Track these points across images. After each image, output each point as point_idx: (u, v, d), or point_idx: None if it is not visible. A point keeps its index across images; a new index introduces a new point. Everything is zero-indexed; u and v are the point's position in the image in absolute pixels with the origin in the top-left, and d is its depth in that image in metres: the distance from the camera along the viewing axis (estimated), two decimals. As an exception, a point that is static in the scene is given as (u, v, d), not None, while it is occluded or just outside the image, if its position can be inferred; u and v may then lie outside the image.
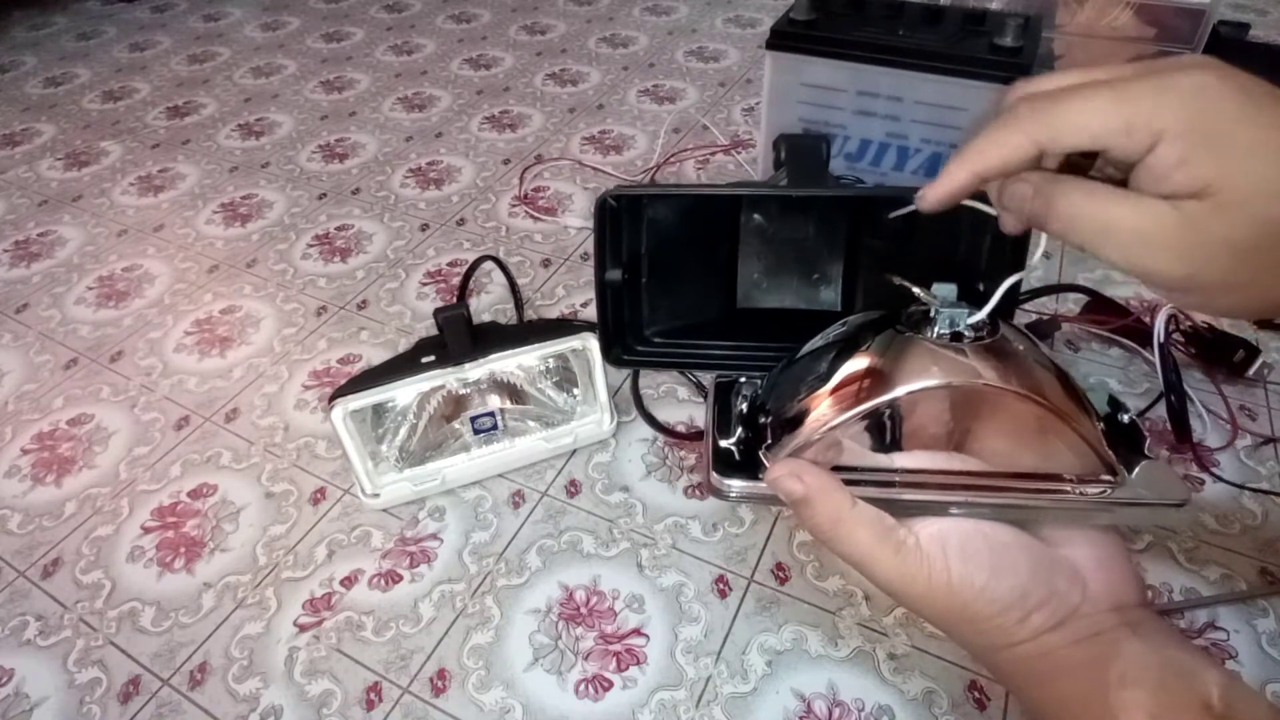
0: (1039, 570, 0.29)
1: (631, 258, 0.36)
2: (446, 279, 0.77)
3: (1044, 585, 0.29)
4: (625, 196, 0.37)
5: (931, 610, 0.29)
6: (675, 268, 0.38)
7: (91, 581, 0.53)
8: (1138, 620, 0.29)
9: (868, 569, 0.29)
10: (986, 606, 0.28)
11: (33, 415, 0.66)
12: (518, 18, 1.33)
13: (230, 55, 1.28)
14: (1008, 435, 0.31)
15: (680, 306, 0.38)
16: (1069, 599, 0.29)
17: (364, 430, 0.52)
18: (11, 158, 1.03)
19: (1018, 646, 0.29)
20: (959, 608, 0.29)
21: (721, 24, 1.26)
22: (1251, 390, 0.60)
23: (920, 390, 0.29)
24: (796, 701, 0.45)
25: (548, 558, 0.53)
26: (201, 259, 0.82)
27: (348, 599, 0.51)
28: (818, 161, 0.43)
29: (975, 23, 0.66)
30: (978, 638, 0.29)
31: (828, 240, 0.36)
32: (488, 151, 0.97)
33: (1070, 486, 0.31)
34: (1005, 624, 0.28)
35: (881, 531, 0.29)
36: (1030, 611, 0.28)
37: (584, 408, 0.58)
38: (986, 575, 0.29)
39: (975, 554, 0.29)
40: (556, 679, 0.46)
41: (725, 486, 0.32)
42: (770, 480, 0.31)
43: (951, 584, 0.28)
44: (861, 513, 0.29)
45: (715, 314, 0.37)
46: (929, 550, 0.29)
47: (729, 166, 0.91)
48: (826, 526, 0.29)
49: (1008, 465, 0.31)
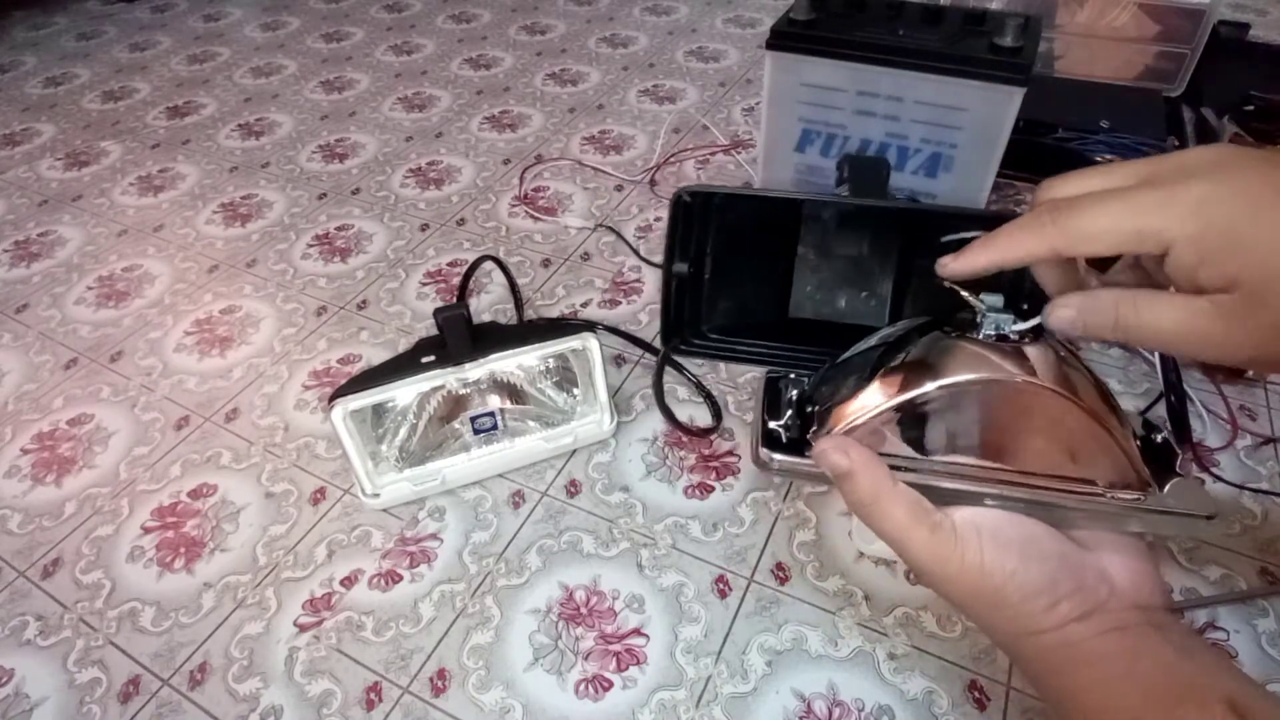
0: (1068, 562, 0.30)
1: (698, 254, 0.38)
2: (446, 279, 0.77)
3: (1072, 576, 0.30)
4: (699, 193, 0.39)
5: (961, 591, 0.30)
6: (736, 271, 0.39)
7: (91, 581, 0.53)
8: (1161, 621, 0.29)
9: (902, 546, 0.30)
10: (1016, 591, 0.29)
11: (33, 415, 0.66)
12: (518, 18, 1.33)
13: (230, 55, 1.28)
14: (1045, 438, 0.32)
15: (737, 308, 0.41)
16: (1096, 592, 0.30)
17: (364, 430, 0.52)
18: (11, 158, 1.03)
19: (1044, 634, 0.29)
20: (989, 590, 0.29)
21: (721, 24, 1.26)
22: (1251, 390, 0.60)
23: (960, 383, 0.30)
24: (796, 701, 0.45)
25: (548, 558, 0.53)
26: (201, 259, 0.82)
27: (348, 599, 0.51)
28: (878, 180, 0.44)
29: (975, 23, 0.66)
30: (1005, 623, 0.30)
31: (880, 258, 0.38)
32: (488, 151, 0.97)
33: (1103, 491, 0.32)
34: (1033, 610, 0.29)
35: (918, 511, 0.30)
36: (1058, 600, 0.29)
37: (584, 408, 0.58)
38: (1017, 561, 0.29)
39: (1007, 541, 0.30)
40: (556, 679, 0.46)
41: (769, 458, 0.34)
42: (817, 454, 0.32)
43: (984, 566, 0.29)
44: (900, 491, 0.30)
45: (768, 319, 0.39)
46: (963, 533, 0.30)
47: (729, 166, 0.91)
48: (867, 500, 0.30)
49: (1044, 468, 0.32)
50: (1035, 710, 0.44)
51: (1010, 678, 0.45)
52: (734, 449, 0.59)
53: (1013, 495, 0.32)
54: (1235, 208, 0.24)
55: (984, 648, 0.46)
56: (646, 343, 0.67)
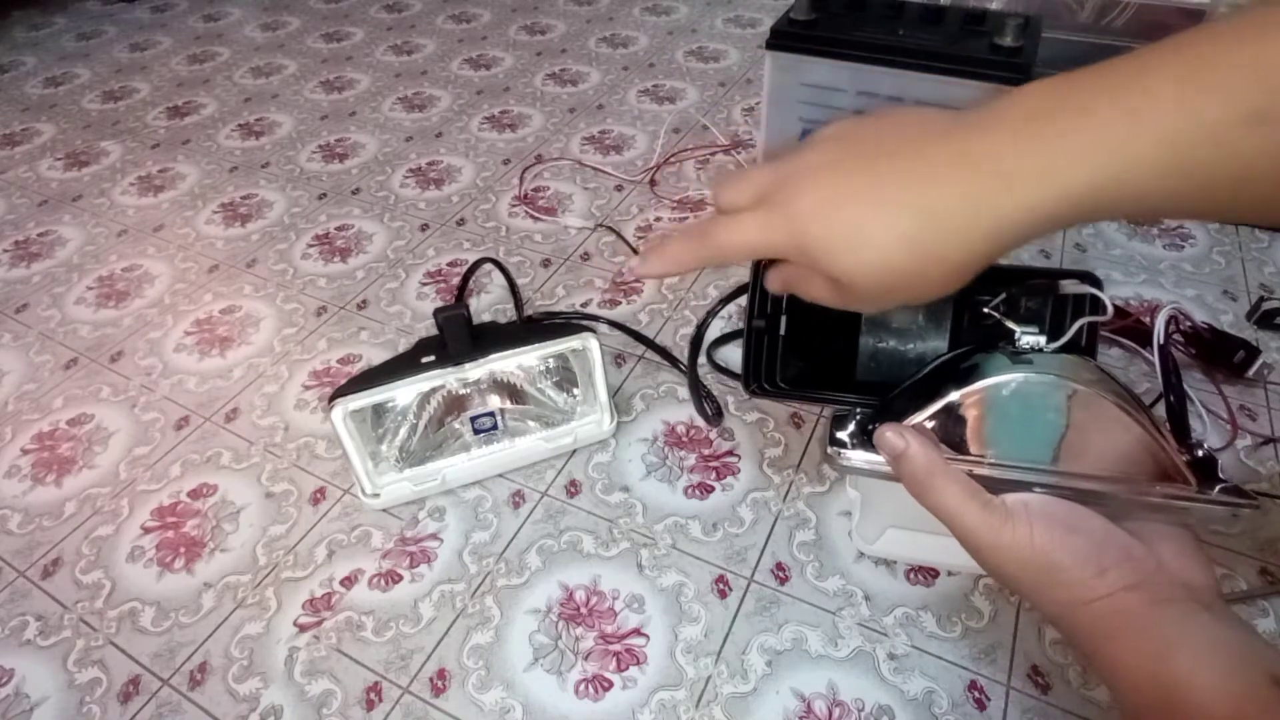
0: (1114, 536, 0.32)
1: (774, 312, 0.44)
2: (446, 279, 0.77)
3: (1120, 548, 0.31)
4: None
5: (1013, 563, 0.31)
6: (808, 332, 0.44)
7: (91, 581, 0.53)
8: (1208, 602, 0.30)
9: (955, 519, 0.32)
10: (1067, 557, 0.31)
11: (33, 415, 0.66)
12: (518, 18, 1.33)
13: (230, 55, 1.28)
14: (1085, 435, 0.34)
15: (809, 367, 0.45)
16: (1145, 564, 0.31)
17: (364, 430, 0.52)
18: (11, 158, 1.03)
19: (1095, 603, 0.30)
20: (1040, 557, 0.31)
21: (721, 24, 1.26)
22: (1251, 390, 0.60)
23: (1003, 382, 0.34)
24: (796, 701, 0.45)
25: (548, 558, 0.53)
26: (201, 259, 0.82)
27: (348, 599, 0.51)
28: None
29: (975, 23, 0.66)
30: (1057, 591, 0.31)
31: (935, 324, 0.43)
32: (488, 151, 0.97)
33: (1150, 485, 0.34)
34: (1084, 576, 0.30)
35: (971, 489, 0.32)
36: (1107, 567, 0.30)
37: (584, 408, 0.58)
38: (1065, 533, 0.31)
39: (1055, 517, 0.32)
40: (556, 679, 0.46)
41: (837, 454, 0.38)
42: (878, 438, 0.35)
43: (1033, 537, 0.31)
44: (954, 472, 0.33)
45: (836, 379, 0.44)
46: (1014, 509, 0.32)
47: (729, 166, 0.91)
48: (922, 477, 0.33)
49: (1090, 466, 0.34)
50: (1035, 710, 0.44)
51: (1010, 677, 0.45)
52: (734, 449, 0.59)
53: (1060, 484, 0.33)
54: (826, 222, 0.29)
55: (984, 648, 0.46)
56: (649, 339, 0.67)
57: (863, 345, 0.44)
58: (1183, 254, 0.75)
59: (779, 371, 0.45)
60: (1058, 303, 0.40)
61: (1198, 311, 0.67)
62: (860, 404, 0.41)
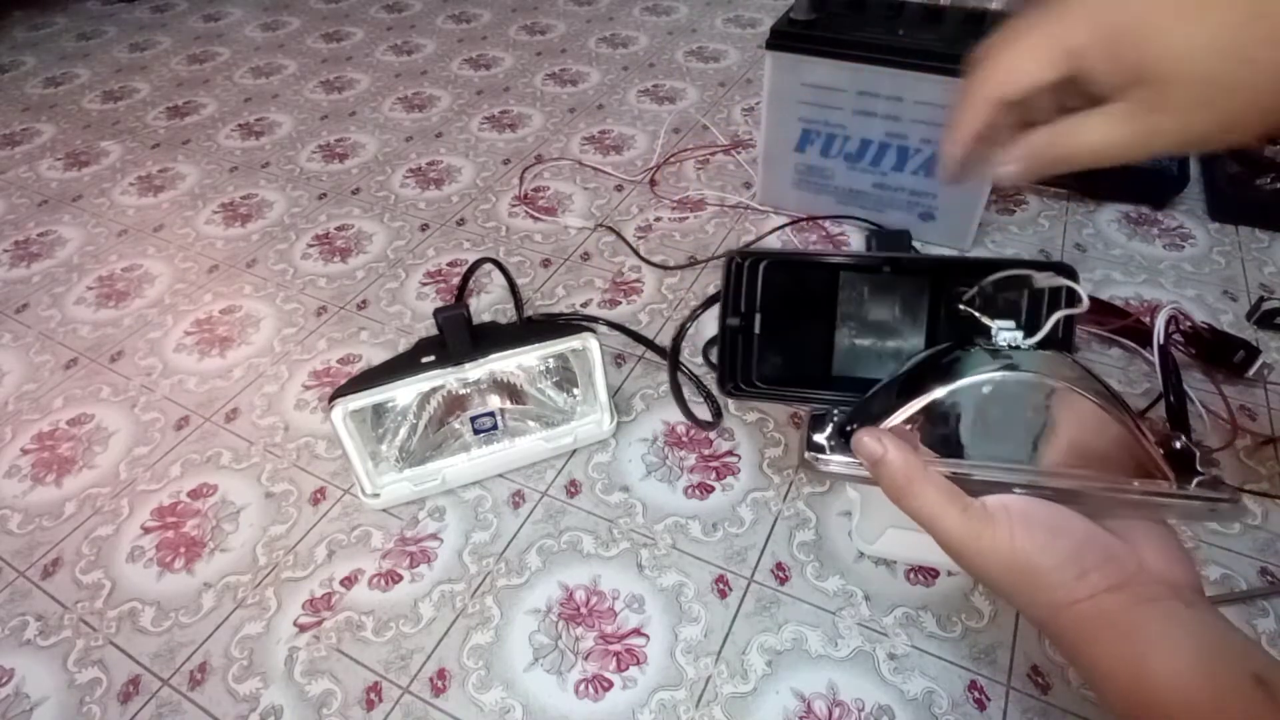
0: (1096, 538, 0.31)
1: (748, 311, 0.43)
2: (446, 279, 0.77)
3: (1101, 549, 0.31)
4: (749, 255, 0.45)
5: (994, 567, 0.31)
6: (783, 328, 0.44)
7: (91, 581, 0.53)
8: (1191, 599, 0.30)
9: (935, 525, 0.31)
10: (1048, 559, 0.30)
11: (33, 415, 0.66)
12: (518, 18, 1.33)
13: (230, 55, 1.28)
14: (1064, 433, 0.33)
15: (784, 363, 0.45)
16: (1126, 565, 0.30)
17: (364, 430, 0.52)
18: (11, 158, 1.03)
19: (1077, 605, 0.30)
20: (1022, 562, 0.30)
21: (721, 24, 1.26)
22: (1251, 390, 0.60)
23: (980, 381, 0.33)
24: (796, 701, 0.45)
25: (548, 558, 0.53)
26: (201, 259, 0.82)
27: (348, 599, 0.51)
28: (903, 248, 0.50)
29: (975, 23, 0.66)
30: (1039, 594, 0.31)
31: (911, 318, 0.42)
32: (488, 151, 0.97)
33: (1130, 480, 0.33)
34: (1065, 579, 0.30)
35: (950, 493, 0.32)
36: (1088, 570, 0.30)
37: (584, 408, 0.58)
38: (1046, 536, 0.31)
39: (1036, 520, 0.31)
40: (556, 679, 0.46)
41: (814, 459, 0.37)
42: (855, 443, 0.34)
43: (1014, 541, 0.30)
44: (932, 475, 0.32)
45: (813, 374, 0.44)
46: (994, 512, 0.31)
47: (729, 166, 0.91)
48: (901, 483, 0.32)
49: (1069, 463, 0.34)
50: (1035, 710, 0.44)
51: (1010, 677, 0.45)
52: (734, 449, 0.59)
53: (1040, 484, 0.33)
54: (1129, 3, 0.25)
55: (984, 648, 0.46)
56: (649, 340, 0.67)
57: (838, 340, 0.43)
58: (1183, 254, 0.75)
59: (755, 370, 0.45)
60: (1034, 296, 0.39)
61: (1198, 311, 0.67)
62: (838, 402, 0.40)
